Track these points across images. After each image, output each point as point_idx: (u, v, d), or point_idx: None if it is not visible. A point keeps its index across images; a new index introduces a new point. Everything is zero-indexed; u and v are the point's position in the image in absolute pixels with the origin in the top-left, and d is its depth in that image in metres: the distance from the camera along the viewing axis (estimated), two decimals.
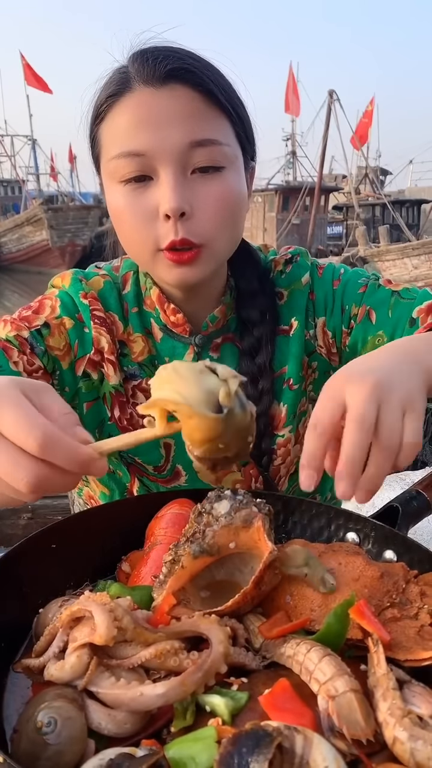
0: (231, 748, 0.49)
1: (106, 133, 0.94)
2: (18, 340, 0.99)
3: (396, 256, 13.22)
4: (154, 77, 0.88)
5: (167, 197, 0.89)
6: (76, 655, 0.60)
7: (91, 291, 1.07)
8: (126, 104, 0.90)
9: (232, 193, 0.94)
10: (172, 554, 0.72)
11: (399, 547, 0.82)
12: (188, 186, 0.91)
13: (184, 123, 0.88)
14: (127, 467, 1.12)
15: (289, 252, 1.15)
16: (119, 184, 0.92)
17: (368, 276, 1.13)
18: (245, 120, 0.97)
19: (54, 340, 1.03)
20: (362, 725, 0.54)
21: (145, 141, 0.88)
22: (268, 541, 0.71)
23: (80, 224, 24.91)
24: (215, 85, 0.91)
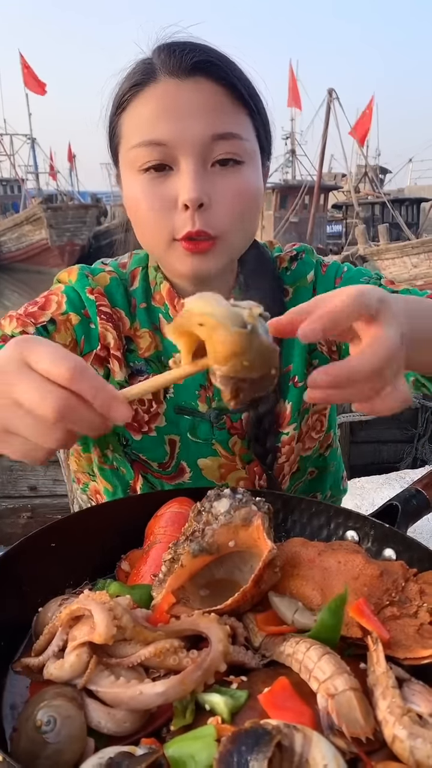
0: (230, 747, 0.49)
1: (127, 123, 0.94)
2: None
3: (395, 255, 13.21)
4: (180, 69, 0.89)
5: (187, 187, 0.89)
6: (76, 653, 0.60)
7: (98, 287, 1.06)
8: (150, 94, 0.91)
9: (250, 188, 0.94)
10: (171, 553, 0.72)
11: (398, 545, 0.82)
12: (208, 178, 0.91)
13: (207, 115, 0.89)
14: (131, 464, 1.12)
15: (294, 249, 1.16)
16: (138, 173, 0.93)
17: (371, 275, 1.13)
18: (264, 117, 0.98)
19: (60, 336, 1.02)
20: (362, 723, 0.54)
21: (167, 131, 0.89)
22: (267, 539, 0.71)
23: (79, 223, 24.89)
24: (238, 80, 0.92)
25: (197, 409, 1.08)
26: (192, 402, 1.08)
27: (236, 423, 1.10)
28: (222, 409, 1.09)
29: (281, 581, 0.74)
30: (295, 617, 0.68)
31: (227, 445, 1.11)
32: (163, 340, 1.09)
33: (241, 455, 1.12)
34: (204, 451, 1.11)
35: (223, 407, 1.09)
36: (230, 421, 1.10)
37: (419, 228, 25.91)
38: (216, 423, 1.09)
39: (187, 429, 1.09)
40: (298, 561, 0.77)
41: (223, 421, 1.09)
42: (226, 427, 1.10)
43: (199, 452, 1.11)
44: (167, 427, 1.09)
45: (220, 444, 1.11)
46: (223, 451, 1.11)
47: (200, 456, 1.11)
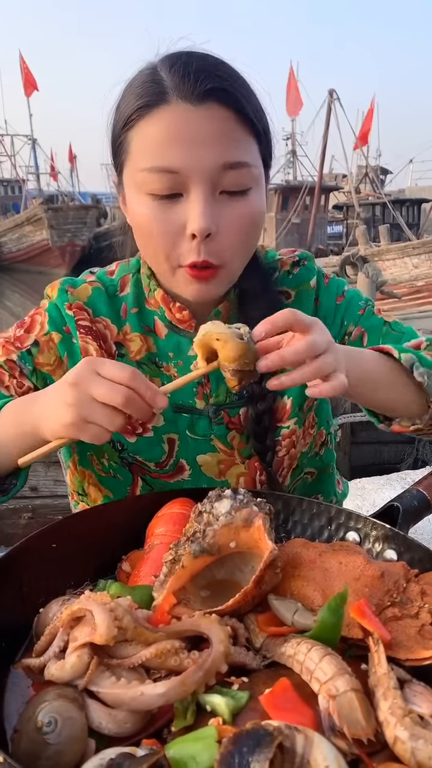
0: (232, 748, 0.49)
1: (136, 141, 0.93)
2: (8, 364, 1.07)
3: (396, 256, 13.21)
4: (193, 95, 0.88)
5: (197, 217, 0.90)
6: (77, 654, 0.60)
7: (77, 301, 1.10)
8: (160, 117, 0.90)
9: (255, 215, 0.96)
10: (172, 554, 0.72)
11: (399, 546, 0.82)
12: (216, 206, 0.92)
13: (218, 143, 0.89)
14: (129, 467, 1.13)
15: (296, 255, 1.18)
16: (147, 196, 0.93)
17: (366, 300, 1.19)
18: (269, 135, 0.99)
19: (44, 356, 1.09)
20: (363, 725, 0.54)
21: (178, 158, 0.89)
22: (268, 540, 0.71)
23: (79, 224, 24.90)
24: (249, 105, 0.92)
25: (195, 406, 1.10)
26: (189, 400, 1.10)
27: (234, 418, 1.12)
28: (220, 404, 1.11)
29: (282, 582, 0.74)
30: (295, 618, 0.68)
31: (226, 439, 1.12)
32: (157, 342, 1.11)
33: (240, 450, 1.13)
34: (203, 448, 1.12)
35: (220, 402, 1.11)
36: (228, 416, 1.11)
37: (420, 229, 25.92)
38: (214, 418, 1.11)
39: (185, 427, 1.11)
40: (299, 562, 0.77)
41: (221, 416, 1.11)
42: (225, 422, 1.11)
43: (198, 449, 1.12)
44: (166, 427, 1.10)
45: (218, 439, 1.12)
46: (222, 446, 1.12)
47: (199, 452, 1.12)
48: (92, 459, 1.14)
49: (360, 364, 0.94)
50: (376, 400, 1.01)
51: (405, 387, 0.99)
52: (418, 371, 0.98)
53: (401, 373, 0.99)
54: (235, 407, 1.11)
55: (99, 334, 1.09)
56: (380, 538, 0.84)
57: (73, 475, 1.19)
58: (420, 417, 1.02)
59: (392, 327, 1.15)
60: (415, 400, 1.01)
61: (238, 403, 1.11)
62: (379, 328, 1.14)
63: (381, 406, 1.02)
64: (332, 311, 1.15)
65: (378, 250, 13.49)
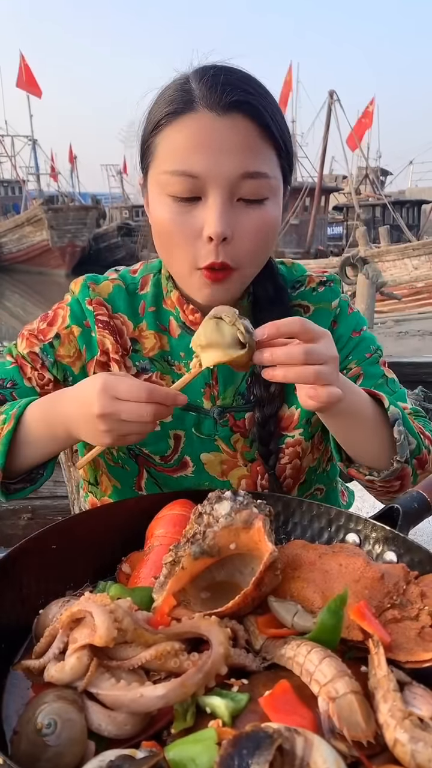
0: (231, 750, 0.49)
1: (162, 146, 0.97)
2: (31, 356, 1.14)
3: (396, 257, 13.22)
4: (219, 105, 0.92)
5: (213, 222, 0.93)
6: (76, 656, 0.60)
7: (97, 297, 1.14)
8: (187, 123, 0.94)
9: (270, 224, 0.99)
10: (172, 555, 0.72)
11: (400, 548, 0.82)
12: (233, 212, 0.95)
13: (239, 153, 0.93)
14: (135, 459, 1.16)
15: (325, 276, 1.21)
16: (168, 197, 0.97)
17: (377, 347, 1.21)
18: (290, 151, 1.02)
19: (64, 348, 1.14)
20: (363, 727, 0.54)
21: (201, 164, 0.93)
22: (268, 542, 0.71)
23: (80, 225, 24.94)
24: (272, 118, 0.95)
25: (202, 406, 1.12)
26: (197, 399, 1.12)
27: (239, 421, 1.13)
28: (226, 407, 1.13)
29: (282, 584, 0.74)
30: (295, 620, 0.68)
31: (230, 441, 1.14)
32: (171, 341, 1.14)
33: (243, 453, 1.15)
34: (207, 447, 1.14)
35: (227, 405, 1.13)
36: (233, 419, 1.13)
37: (420, 230, 25.94)
38: (219, 420, 1.13)
39: (192, 425, 1.13)
40: (299, 563, 0.77)
41: (226, 418, 1.13)
42: (229, 424, 1.13)
43: (203, 447, 1.14)
44: (173, 423, 1.13)
45: (222, 440, 1.14)
46: (226, 448, 1.14)
47: (203, 451, 1.14)
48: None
49: (353, 394, 0.97)
50: (351, 437, 1.02)
51: (380, 436, 1.01)
52: (398, 428, 1.00)
53: (382, 424, 1.01)
54: (241, 411, 1.13)
55: (116, 329, 1.14)
56: (380, 540, 0.84)
57: (88, 465, 1.21)
58: (379, 471, 1.02)
59: (388, 383, 1.18)
60: (381, 454, 1.02)
61: (244, 407, 1.13)
62: (376, 377, 1.17)
63: (353, 444, 1.03)
64: (344, 341, 1.17)
65: (378, 252, 13.50)
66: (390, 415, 1.00)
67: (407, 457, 1.01)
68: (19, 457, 1.02)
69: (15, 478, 1.04)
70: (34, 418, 1.01)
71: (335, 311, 1.17)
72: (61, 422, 0.97)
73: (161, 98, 0.99)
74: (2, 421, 1.02)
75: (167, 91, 0.98)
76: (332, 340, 0.87)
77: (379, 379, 1.17)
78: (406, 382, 3.45)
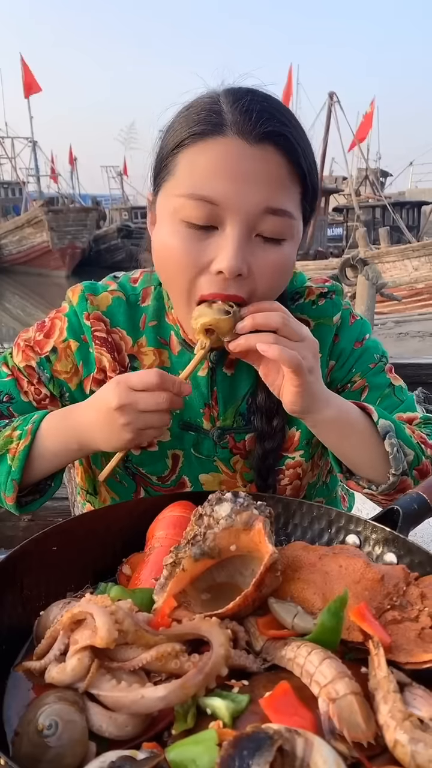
0: (232, 751, 0.49)
1: (183, 165, 0.91)
2: (27, 370, 1.11)
3: (396, 258, 13.21)
4: (252, 133, 0.86)
5: (228, 256, 0.88)
6: (77, 657, 0.60)
7: (95, 311, 1.10)
8: (213, 147, 0.88)
9: (287, 265, 0.95)
10: (172, 557, 0.72)
11: (400, 549, 0.82)
12: (249, 248, 0.90)
13: (265, 185, 0.88)
14: (133, 477, 1.14)
15: (326, 286, 1.16)
16: (180, 223, 0.91)
17: (382, 353, 1.17)
18: (316, 193, 0.97)
19: (61, 364, 1.11)
20: (363, 728, 0.54)
21: (222, 190, 0.87)
22: (268, 543, 0.71)
23: (80, 226, 24.92)
24: (304, 157, 0.91)
25: (202, 426, 1.10)
26: (197, 419, 1.10)
27: (239, 443, 1.12)
28: (226, 428, 1.11)
29: (282, 585, 0.74)
30: (295, 622, 0.68)
31: (229, 463, 1.13)
32: (171, 357, 1.11)
33: (242, 474, 1.14)
34: (206, 467, 1.13)
35: (227, 426, 1.11)
36: (233, 441, 1.11)
37: (420, 231, 25.92)
38: (219, 441, 1.11)
39: (191, 444, 1.11)
40: (299, 565, 0.77)
41: (226, 440, 1.11)
42: (229, 446, 1.12)
43: (202, 468, 1.13)
44: (172, 442, 1.11)
45: (222, 462, 1.12)
46: (225, 469, 1.13)
47: (202, 471, 1.13)
48: (102, 461, 1.15)
49: (341, 405, 0.97)
50: (342, 448, 1.01)
51: (373, 449, 0.99)
52: (390, 441, 0.98)
53: (374, 435, 0.99)
54: (242, 432, 1.11)
55: (114, 345, 1.10)
56: (380, 541, 0.85)
57: (86, 473, 1.21)
58: (377, 484, 1.01)
59: (395, 391, 1.15)
60: (378, 467, 1.00)
61: (245, 429, 1.11)
62: (382, 388, 1.14)
63: (346, 455, 1.02)
64: (347, 354, 1.14)
65: (378, 253, 13.49)
66: (380, 428, 0.98)
67: (405, 469, 0.99)
68: (32, 470, 1.01)
69: (24, 491, 1.04)
70: (49, 432, 1.00)
71: (336, 326, 1.13)
72: (75, 434, 0.97)
73: (187, 115, 0.92)
74: (18, 437, 1.01)
75: (193, 109, 0.92)
76: (314, 345, 0.92)
77: (386, 388, 1.14)
78: (406, 384, 3.46)
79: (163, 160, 0.95)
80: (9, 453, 1.01)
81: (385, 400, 1.14)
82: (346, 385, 1.15)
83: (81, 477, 1.23)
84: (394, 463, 0.98)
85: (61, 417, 1.02)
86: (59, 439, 1.00)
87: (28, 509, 1.06)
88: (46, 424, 1.01)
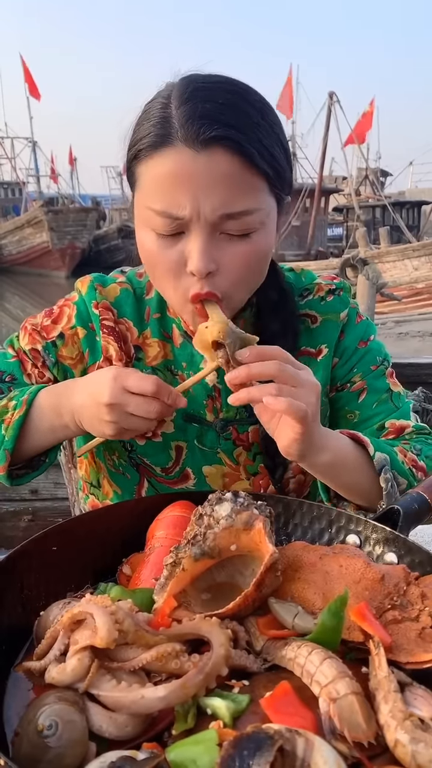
0: (232, 751, 0.49)
1: (143, 177, 0.94)
2: (32, 353, 1.12)
3: (396, 258, 13.21)
4: (197, 141, 0.87)
5: (195, 258, 0.91)
6: (77, 657, 0.60)
7: (104, 300, 1.12)
8: (165, 157, 0.89)
9: (258, 255, 0.95)
10: (173, 557, 0.72)
11: (400, 549, 0.82)
12: (216, 245, 0.92)
13: (219, 191, 0.88)
14: (136, 468, 1.15)
15: (334, 283, 1.18)
16: (151, 231, 0.94)
17: (384, 356, 1.19)
18: (284, 173, 0.96)
19: (67, 350, 1.12)
20: (363, 728, 0.54)
21: (180, 203, 0.89)
22: (268, 543, 0.71)
23: (80, 226, 24.94)
24: (257, 150, 0.89)
25: (205, 418, 1.11)
26: (200, 411, 1.11)
27: (242, 435, 1.12)
28: (229, 420, 1.11)
29: (282, 585, 0.74)
30: (296, 621, 0.68)
31: (232, 455, 1.13)
32: (174, 350, 1.12)
33: (245, 466, 1.14)
34: (209, 459, 1.13)
35: (230, 418, 1.12)
36: (236, 433, 1.12)
37: (420, 231, 25.94)
38: (222, 433, 1.12)
39: (194, 436, 1.12)
40: (300, 565, 0.77)
41: (229, 431, 1.12)
42: (232, 438, 1.12)
43: (205, 460, 1.13)
44: (175, 434, 1.12)
45: (225, 453, 1.13)
46: (228, 461, 1.13)
47: (205, 463, 1.13)
48: (105, 454, 1.16)
49: (337, 447, 0.97)
50: (334, 484, 1.02)
51: (366, 483, 1.00)
52: (385, 476, 0.98)
53: (369, 470, 1.00)
54: (245, 424, 1.12)
55: (121, 335, 1.12)
56: (381, 541, 0.84)
57: (90, 466, 1.22)
58: (366, 511, 1.02)
59: (393, 397, 1.16)
60: (370, 497, 1.01)
61: (248, 421, 1.12)
62: (381, 392, 1.15)
63: (337, 488, 1.03)
64: (350, 352, 1.16)
65: (378, 253, 13.49)
66: (376, 462, 0.99)
67: (396, 498, 0.99)
68: (26, 442, 1.02)
69: (18, 464, 1.04)
70: (45, 404, 1.01)
71: (343, 323, 1.15)
72: (69, 410, 0.98)
73: (143, 122, 0.94)
74: (13, 407, 1.02)
75: (148, 115, 0.93)
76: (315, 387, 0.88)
77: (384, 393, 1.16)
78: (407, 384, 3.44)
79: (129, 167, 0.98)
80: (4, 423, 1.01)
81: (381, 405, 1.15)
82: (345, 384, 1.16)
83: (86, 470, 1.23)
84: (387, 499, 0.98)
85: (57, 392, 1.01)
86: (54, 413, 1.00)
87: (19, 482, 1.07)
88: (43, 396, 1.02)
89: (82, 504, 1.32)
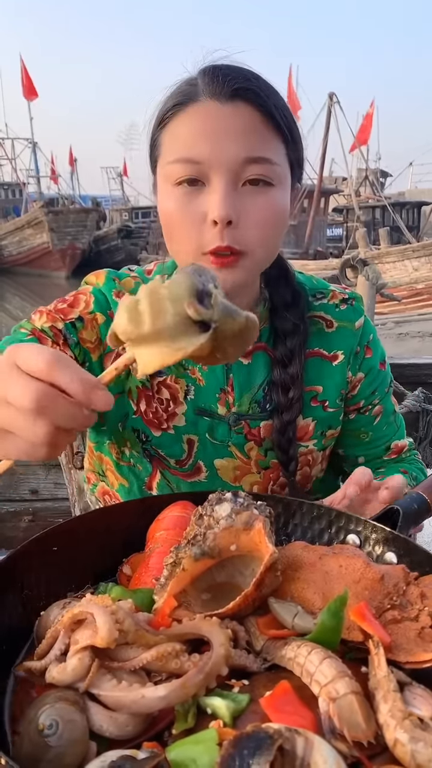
0: (232, 750, 0.49)
1: (168, 139, 0.98)
2: (53, 331, 1.05)
3: (396, 258, 13.22)
4: (222, 93, 0.93)
5: (217, 205, 0.93)
6: (78, 657, 0.60)
7: (123, 290, 1.12)
8: (191, 114, 0.95)
9: (277, 209, 0.98)
10: (173, 557, 0.72)
11: (400, 549, 0.82)
12: (238, 196, 0.95)
13: (242, 139, 0.93)
14: (150, 460, 1.15)
15: (347, 293, 1.21)
16: (173, 186, 0.97)
17: (391, 377, 1.25)
18: (299, 143, 1.02)
19: (87, 333, 1.08)
20: (363, 727, 0.55)
21: (203, 151, 0.93)
22: (268, 543, 0.71)
23: (80, 227, 24.95)
24: (276, 108, 0.95)
25: (216, 412, 1.12)
26: (212, 404, 1.11)
27: (254, 429, 1.13)
28: (241, 414, 1.12)
29: (282, 585, 0.74)
30: (295, 621, 0.68)
31: (243, 449, 1.14)
32: None
33: (257, 461, 1.15)
34: (220, 452, 1.14)
35: (242, 412, 1.12)
36: (248, 427, 1.13)
37: (420, 231, 25.92)
38: (234, 427, 1.12)
39: (205, 430, 1.12)
40: (300, 565, 0.77)
41: (241, 425, 1.12)
42: (244, 432, 1.13)
43: (216, 453, 1.14)
44: (186, 427, 1.12)
45: (236, 447, 1.13)
46: (239, 455, 1.14)
47: (217, 457, 1.14)
48: (111, 447, 1.16)
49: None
50: None
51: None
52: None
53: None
54: (257, 419, 1.13)
55: None
56: (380, 541, 0.85)
57: (92, 457, 1.22)
58: None
59: (396, 418, 1.22)
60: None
61: (260, 416, 1.13)
62: (389, 414, 1.21)
63: None
64: (374, 374, 1.19)
65: (378, 253, 13.49)
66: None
67: None
68: None
69: None
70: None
71: (359, 332, 1.18)
72: None
73: (167, 95, 1.00)
74: None
75: (173, 88, 1.00)
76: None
77: (391, 415, 1.21)
78: (407, 384, 3.45)
79: (153, 138, 1.02)
80: None
81: (389, 427, 1.21)
82: (368, 407, 1.20)
83: (89, 460, 1.24)
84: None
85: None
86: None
87: None
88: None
89: (89, 494, 1.32)
